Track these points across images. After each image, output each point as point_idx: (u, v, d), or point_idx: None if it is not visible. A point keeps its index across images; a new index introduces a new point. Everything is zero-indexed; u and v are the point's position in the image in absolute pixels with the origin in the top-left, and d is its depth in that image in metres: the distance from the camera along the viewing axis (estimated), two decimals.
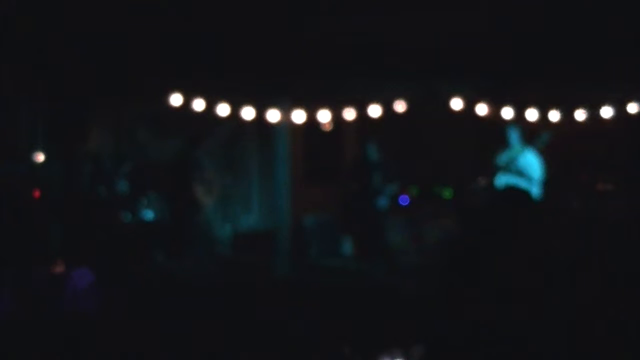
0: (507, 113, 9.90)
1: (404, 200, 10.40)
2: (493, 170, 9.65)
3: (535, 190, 9.50)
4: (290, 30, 9.61)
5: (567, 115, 10.04)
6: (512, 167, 9.55)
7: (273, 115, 9.70)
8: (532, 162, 9.56)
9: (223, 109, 9.64)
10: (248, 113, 9.67)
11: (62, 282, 7.57)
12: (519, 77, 9.72)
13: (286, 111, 9.73)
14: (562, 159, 10.02)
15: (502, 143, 9.77)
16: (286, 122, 9.82)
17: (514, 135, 9.66)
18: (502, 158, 9.63)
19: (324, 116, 9.86)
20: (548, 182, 9.63)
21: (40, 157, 10.62)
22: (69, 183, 10.44)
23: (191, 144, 10.44)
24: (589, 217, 10.85)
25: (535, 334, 6.12)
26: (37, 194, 10.14)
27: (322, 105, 9.76)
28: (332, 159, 12.51)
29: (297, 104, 9.74)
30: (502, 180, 9.56)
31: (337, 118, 10.01)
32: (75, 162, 10.63)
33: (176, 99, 9.57)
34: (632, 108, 10.07)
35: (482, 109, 9.90)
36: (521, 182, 9.44)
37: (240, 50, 9.62)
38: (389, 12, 9.56)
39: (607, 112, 10.05)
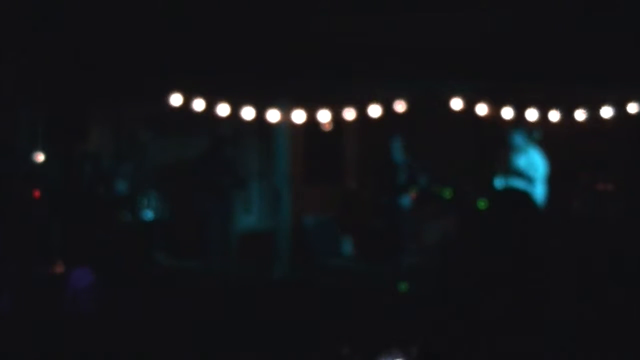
0: (507, 113, 9.90)
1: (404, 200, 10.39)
2: (499, 171, 9.64)
3: (539, 190, 9.49)
4: (290, 30, 9.61)
5: (567, 115, 10.04)
6: (512, 169, 9.56)
7: (273, 115, 9.70)
8: (535, 162, 9.56)
9: (223, 109, 9.64)
10: (248, 113, 9.67)
11: (62, 282, 7.57)
12: (519, 77, 9.72)
13: (286, 111, 9.73)
14: (562, 159, 10.01)
15: (505, 145, 9.77)
16: (286, 122, 9.82)
17: (518, 137, 9.64)
18: (520, 162, 9.59)
19: (324, 116, 9.86)
20: (550, 181, 9.63)
21: (40, 157, 10.62)
22: (68, 183, 10.43)
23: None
24: (589, 217, 10.85)
25: (535, 333, 6.13)
26: (37, 194, 10.13)
27: (322, 105, 9.76)
28: (332, 159, 12.51)
29: (297, 104, 9.74)
30: (502, 181, 9.56)
31: (337, 118, 10.01)
32: (75, 162, 10.63)
33: (176, 99, 9.57)
34: (632, 108, 10.07)
35: (482, 109, 9.90)
36: (520, 183, 9.45)
37: (240, 50, 9.62)
38: (389, 12, 9.56)
39: (607, 112, 10.05)
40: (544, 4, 9.53)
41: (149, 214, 10.78)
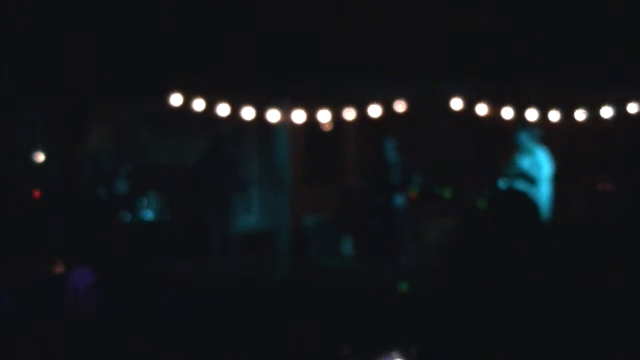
0: (507, 113, 9.90)
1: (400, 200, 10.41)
2: (501, 172, 9.62)
3: (544, 190, 9.45)
4: (290, 31, 9.62)
5: (567, 115, 10.04)
6: (514, 169, 9.53)
7: (273, 115, 9.70)
8: (539, 162, 9.51)
9: (223, 109, 9.64)
10: (248, 113, 9.67)
11: (62, 282, 7.57)
12: (519, 77, 9.73)
13: (286, 111, 9.73)
14: (562, 159, 10.01)
15: (507, 145, 9.76)
16: (286, 122, 9.82)
17: (524, 137, 9.59)
18: (524, 163, 9.56)
19: (324, 116, 9.86)
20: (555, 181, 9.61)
21: (40, 157, 10.63)
22: (68, 183, 10.44)
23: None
24: (589, 217, 10.86)
25: (534, 333, 6.12)
26: (37, 194, 10.14)
27: (322, 105, 9.76)
28: (332, 159, 12.50)
29: (297, 104, 9.74)
30: (503, 182, 9.54)
31: (337, 118, 10.02)
32: (74, 162, 10.63)
33: (176, 99, 9.57)
34: (632, 108, 10.07)
35: (482, 109, 9.89)
36: (523, 184, 9.42)
37: (240, 50, 9.63)
38: (389, 13, 9.57)
39: (607, 112, 10.05)
40: (544, 4, 9.54)
41: (148, 214, 10.78)
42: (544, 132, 9.79)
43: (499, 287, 6.79)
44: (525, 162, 9.53)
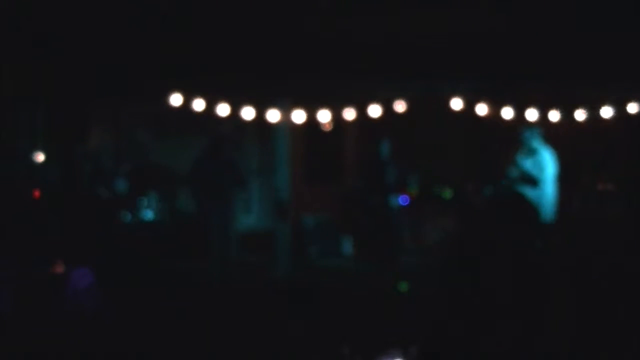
0: (507, 113, 9.89)
1: (404, 200, 10.40)
2: (506, 174, 9.60)
3: (548, 190, 9.42)
4: (290, 30, 9.62)
5: (567, 115, 10.04)
6: (517, 171, 9.50)
7: (273, 115, 9.70)
8: (542, 162, 9.47)
9: (223, 109, 9.64)
10: (248, 113, 9.67)
11: (62, 282, 7.57)
12: (519, 77, 9.72)
13: (286, 111, 9.73)
14: (562, 159, 10.01)
15: (509, 145, 9.75)
16: (286, 122, 9.82)
17: (531, 137, 9.55)
18: (526, 163, 9.51)
19: (324, 116, 9.86)
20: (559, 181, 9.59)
21: (40, 157, 10.63)
22: (68, 183, 10.44)
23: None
24: (589, 217, 10.86)
25: (535, 333, 6.13)
26: (37, 194, 10.14)
27: (322, 105, 9.76)
28: (332, 159, 12.51)
29: (297, 104, 9.74)
30: (506, 184, 9.53)
31: (337, 118, 10.02)
32: (75, 162, 10.63)
33: (176, 99, 9.57)
34: (632, 108, 10.07)
35: (482, 109, 9.89)
36: (524, 185, 9.40)
37: (240, 50, 9.63)
38: (389, 12, 9.57)
39: (607, 112, 10.05)
40: (544, 4, 9.53)
41: (149, 214, 10.78)
42: (543, 132, 9.79)
43: (498, 286, 6.79)
44: (527, 163, 9.50)
